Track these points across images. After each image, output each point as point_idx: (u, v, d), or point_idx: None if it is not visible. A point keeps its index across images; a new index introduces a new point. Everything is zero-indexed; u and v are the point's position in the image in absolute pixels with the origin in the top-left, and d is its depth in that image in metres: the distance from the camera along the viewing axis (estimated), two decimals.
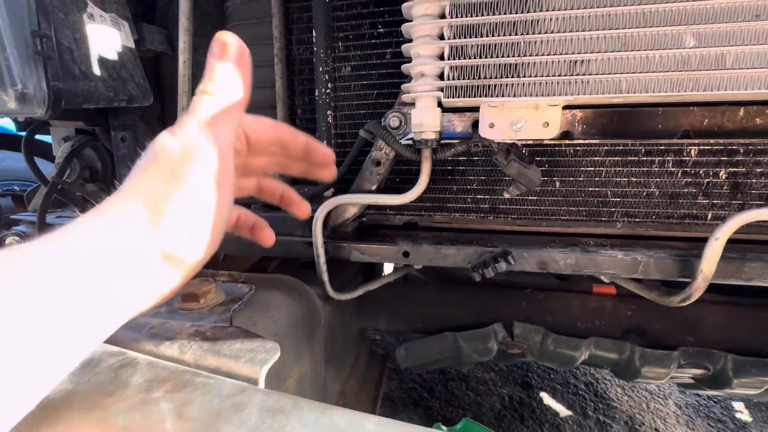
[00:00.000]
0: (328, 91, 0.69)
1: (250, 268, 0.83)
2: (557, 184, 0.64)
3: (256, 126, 0.39)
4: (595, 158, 0.62)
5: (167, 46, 0.83)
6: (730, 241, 0.51)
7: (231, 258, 0.80)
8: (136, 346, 0.37)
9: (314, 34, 0.68)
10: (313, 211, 0.65)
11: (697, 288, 0.53)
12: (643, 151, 0.60)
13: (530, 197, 0.66)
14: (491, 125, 0.55)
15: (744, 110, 0.50)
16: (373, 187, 0.65)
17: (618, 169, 0.61)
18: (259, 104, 0.80)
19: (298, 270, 0.79)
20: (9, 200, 2.18)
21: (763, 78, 0.44)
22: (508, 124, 0.55)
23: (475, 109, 0.56)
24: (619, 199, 0.63)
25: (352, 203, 0.64)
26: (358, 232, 0.72)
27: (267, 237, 0.42)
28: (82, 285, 0.26)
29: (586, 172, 0.63)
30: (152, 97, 0.75)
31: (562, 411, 1.78)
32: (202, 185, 0.30)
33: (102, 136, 0.92)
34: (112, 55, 0.67)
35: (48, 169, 1.06)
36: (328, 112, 0.70)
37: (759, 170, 0.57)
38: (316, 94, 0.69)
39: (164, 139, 0.31)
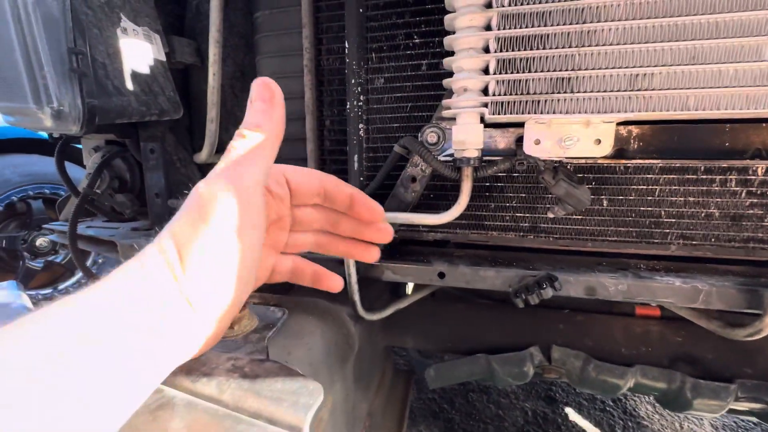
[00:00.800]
0: (360, 103, 0.67)
1: (277, 286, 0.82)
2: (605, 202, 0.60)
3: (298, 173, 0.39)
4: (649, 176, 0.57)
5: (197, 58, 0.83)
6: None
7: None
8: (173, 381, 0.35)
9: (347, 44, 0.65)
10: None
11: None
12: (702, 168, 0.55)
13: (575, 216, 0.62)
14: (537, 142, 0.52)
15: None
16: (408, 205, 0.63)
17: (674, 187, 0.57)
18: (288, 116, 0.79)
19: None
20: (40, 203, 2.25)
21: None
22: (556, 140, 0.51)
23: (520, 125, 0.53)
24: (674, 220, 0.58)
25: (390, 221, 0.61)
26: (388, 249, 0.70)
27: (333, 285, 0.42)
28: (126, 333, 0.25)
29: (638, 190, 0.58)
30: (182, 109, 0.74)
31: (590, 428, 1.71)
32: (224, 223, 0.30)
33: (131, 146, 0.93)
34: (145, 69, 0.67)
35: (78, 172, 1.08)
36: (360, 126, 0.67)
37: None
38: (348, 106, 0.67)
39: (199, 183, 0.31)
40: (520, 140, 0.54)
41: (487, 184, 0.64)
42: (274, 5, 0.77)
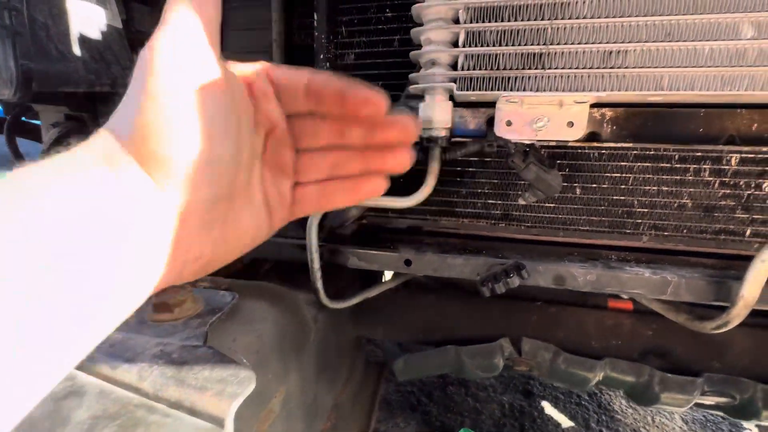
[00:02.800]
0: None
1: (241, 269, 0.78)
2: (578, 190, 0.58)
3: (281, 68, 0.31)
4: (623, 163, 0.55)
5: None
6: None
7: None
8: (91, 367, 0.31)
9: (315, 17, 0.62)
10: None
11: (737, 315, 0.47)
12: (677, 157, 0.53)
13: (547, 204, 0.60)
14: (508, 123, 0.49)
15: None
16: None
17: (647, 176, 0.55)
18: None
19: (294, 273, 0.73)
20: None
21: None
22: (528, 122, 0.49)
23: (491, 105, 0.50)
24: (646, 210, 0.57)
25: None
26: (358, 236, 0.67)
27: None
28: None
29: (612, 178, 0.57)
30: None
31: (564, 422, 1.72)
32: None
33: (91, 122, 0.87)
34: (96, 35, 0.62)
35: (37, 150, 1.01)
36: None
37: None
38: None
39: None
40: (491, 121, 0.51)
41: (459, 168, 0.61)
42: None
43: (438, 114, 0.48)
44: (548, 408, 1.81)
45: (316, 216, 0.58)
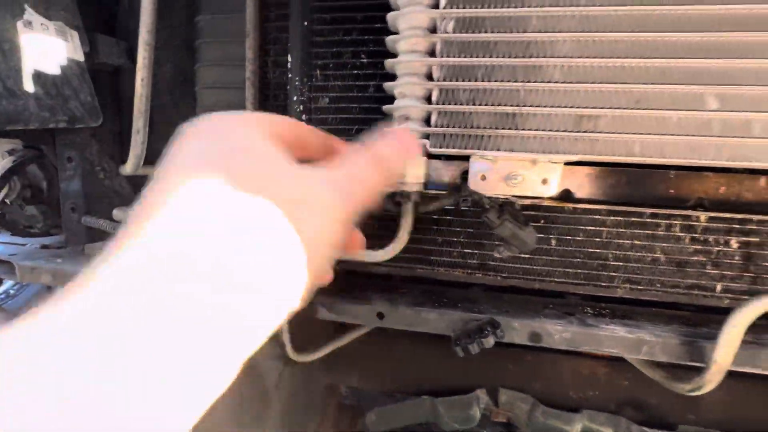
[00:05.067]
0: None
1: None
2: (553, 242, 0.57)
3: (274, 118, 0.32)
4: (596, 217, 0.55)
5: (126, 60, 0.75)
6: None
7: None
8: None
9: (289, 59, 0.60)
10: None
11: (710, 380, 0.46)
12: (648, 213, 0.53)
13: (523, 255, 0.59)
14: (483, 177, 0.48)
15: (766, 180, 0.45)
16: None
17: (620, 230, 0.55)
18: None
19: None
20: None
21: None
22: (503, 177, 0.48)
23: (466, 158, 0.49)
24: (620, 263, 0.56)
25: None
26: (330, 283, 0.63)
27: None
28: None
29: (586, 231, 0.56)
30: (101, 116, 0.66)
31: None
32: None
33: (49, 152, 0.82)
34: (54, 69, 0.58)
35: None
36: None
37: None
38: None
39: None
40: (465, 175, 0.50)
41: (435, 217, 0.60)
42: (216, 9, 0.70)
43: (410, 169, 0.47)
44: None
45: None
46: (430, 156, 0.50)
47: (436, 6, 0.43)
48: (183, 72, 0.81)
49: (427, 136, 0.45)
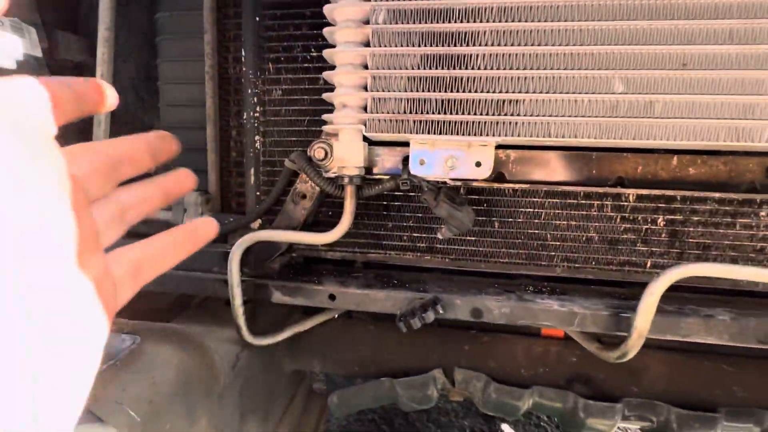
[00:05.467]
0: (257, 114, 0.63)
1: (171, 304, 0.75)
2: (496, 224, 0.60)
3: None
4: (535, 199, 0.58)
5: (89, 56, 0.76)
6: (672, 289, 0.48)
7: (148, 293, 0.72)
8: None
9: (243, 53, 0.62)
10: (231, 246, 0.58)
11: (633, 346, 0.49)
12: (582, 194, 0.57)
13: (469, 238, 0.62)
14: (422, 162, 0.51)
15: (677, 159, 0.48)
16: (299, 222, 0.59)
17: (557, 211, 0.58)
18: (191, 124, 0.74)
19: (225, 308, 0.71)
20: None
21: (690, 128, 0.42)
22: (441, 161, 0.51)
23: (406, 144, 0.52)
24: (558, 243, 0.59)
25: (271, 240, 0.58)
26: (287, 269, 0.66)
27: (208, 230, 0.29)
28: None
29: (526, 213, 0.59)
30: None
31: None
32: None
33: None
34: (9, 64, 0.59)
35: None
36: (257, 138, 0.64)
37: (696, 219, 0.55)
38: (244, 117, 0.64)
39: None
40: (406, 160, 0.53)
41: (385, 203, 0.62)
42: (175, 7, 0.72)
43: (350, 154, 0.49)
44: (508, 430, 1.82)
45: (237, 250, 0.57)
46: (372, 143, 0.52)
47: None
48: (146, 67, 0.82)
49: (364, 123, 0.48)
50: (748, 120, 0.41)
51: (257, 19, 0.61)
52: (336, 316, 0.73)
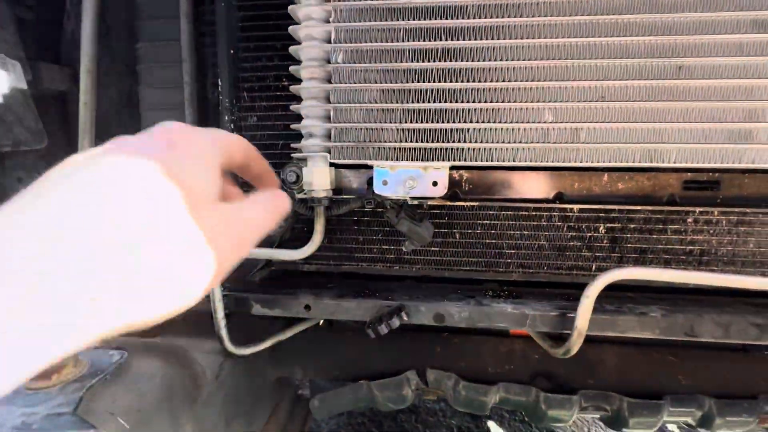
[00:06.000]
0: None
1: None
2: (457, 236, 0.66)
3: (231, 141, 0.34)
4: (491, 212, 0.64)
5: (72, 84, 0.80)
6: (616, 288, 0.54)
7: None
8: None
9: (219, 82, 0.67)
10: None
11: (575, 342, 0.55)
12: (532, 207, 0.63)
13: (433, 248, 0.67)
14: (385, 183, 0.57)
15: (608, 175, 0.54)
16: (276, 239, 0.64)
17: (511, 222, 0.64)
18: None
19: (209, 320, 0.75)
20: None
21: (611, 151, 0.48)
22: (401, 182, 0.56)
23: (371, 167, 0.57)
24: (513, 251, 0.65)
25: (250, 256, 0.62)
26: (267, 282, 0.70)
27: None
28: None
29: (483, 225, 0.65)
30: (45, 139, 0.71)
31: None
32: None
33: None
34: None
35: None
36: None
37: (632, 226, 0.62)
38: None
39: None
40: (371, 181, 0.58)
41: (356, 218, 0.68)
42: (155, 37, 0.77)
43: (318, 178, 0.54)
44: (494, 427, 1.88)
45: None
46: (339, 166, 0.58)
47: (328, 41, 0.51)
48: (128, 94, 0.86)
49: (329, 150, 0.53)
50: (658, 144, 0.47)
51: (231, 51, 0.66)
52: (321, 323, 0.78)
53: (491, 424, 1.90)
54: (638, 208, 0.59)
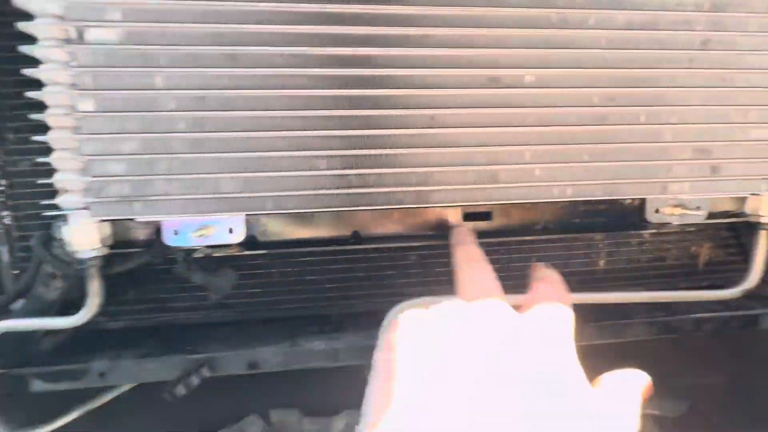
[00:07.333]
0: (2, 188, 0.58)
1: None
2: (276, 275, 0.65)
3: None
4: (303, 249, 0.64)
5: None
6: None
7: None
8: None
9: None
10: None
11: None
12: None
13: (254, 290, 0.65)
14: (176, 233, 0.53)
15: (397, 212, 0.58)
16: (54, 302, 0.56)
17: (326, 257, 0.65)
18: None
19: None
20: None
21: (387, 196, 0.51)
22: (194, 230, 0.53)
23: None
24: (334, 285, 0.66)
25: (13, 329, 0.54)
26: (60, 348, 0.61)
27: None
28: None
29: (303, 262, 0.65)
30: None
31: None
32: None
33: None
34: None
35: None
36: (5, 213, 0.59)
37: (441, 253, 0.67)
38: None
39: None
40: (160, 231, 0.54)
41: (165, 266, 0.63)
42: None
43: (81, 238, 0.49)
44: None
45: None
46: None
47: (75, 86, 0.46)
48: None
49: (88, 206, 0.48)
50: (424, 187, 0.51)
51: None
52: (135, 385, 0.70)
53: None
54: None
